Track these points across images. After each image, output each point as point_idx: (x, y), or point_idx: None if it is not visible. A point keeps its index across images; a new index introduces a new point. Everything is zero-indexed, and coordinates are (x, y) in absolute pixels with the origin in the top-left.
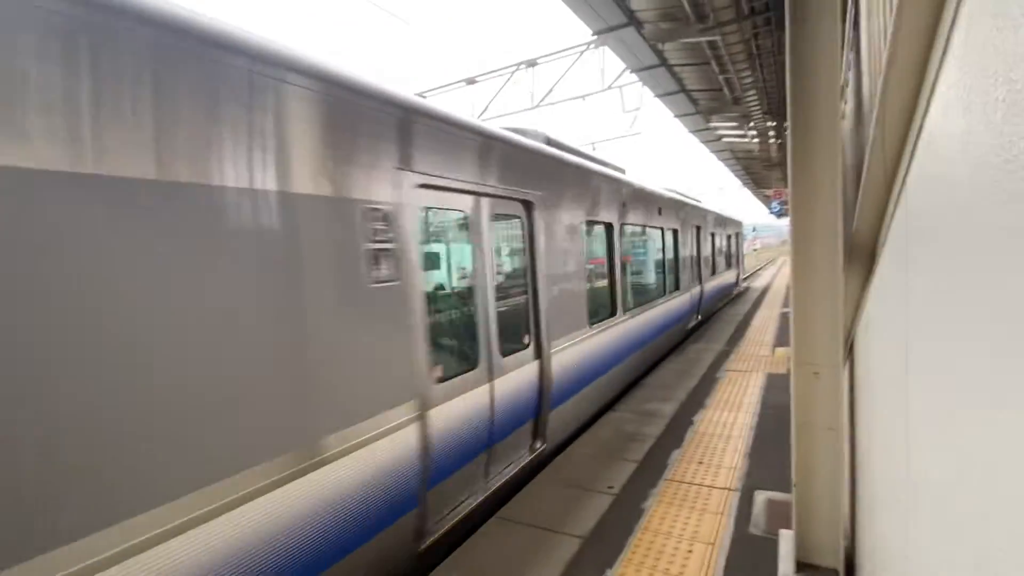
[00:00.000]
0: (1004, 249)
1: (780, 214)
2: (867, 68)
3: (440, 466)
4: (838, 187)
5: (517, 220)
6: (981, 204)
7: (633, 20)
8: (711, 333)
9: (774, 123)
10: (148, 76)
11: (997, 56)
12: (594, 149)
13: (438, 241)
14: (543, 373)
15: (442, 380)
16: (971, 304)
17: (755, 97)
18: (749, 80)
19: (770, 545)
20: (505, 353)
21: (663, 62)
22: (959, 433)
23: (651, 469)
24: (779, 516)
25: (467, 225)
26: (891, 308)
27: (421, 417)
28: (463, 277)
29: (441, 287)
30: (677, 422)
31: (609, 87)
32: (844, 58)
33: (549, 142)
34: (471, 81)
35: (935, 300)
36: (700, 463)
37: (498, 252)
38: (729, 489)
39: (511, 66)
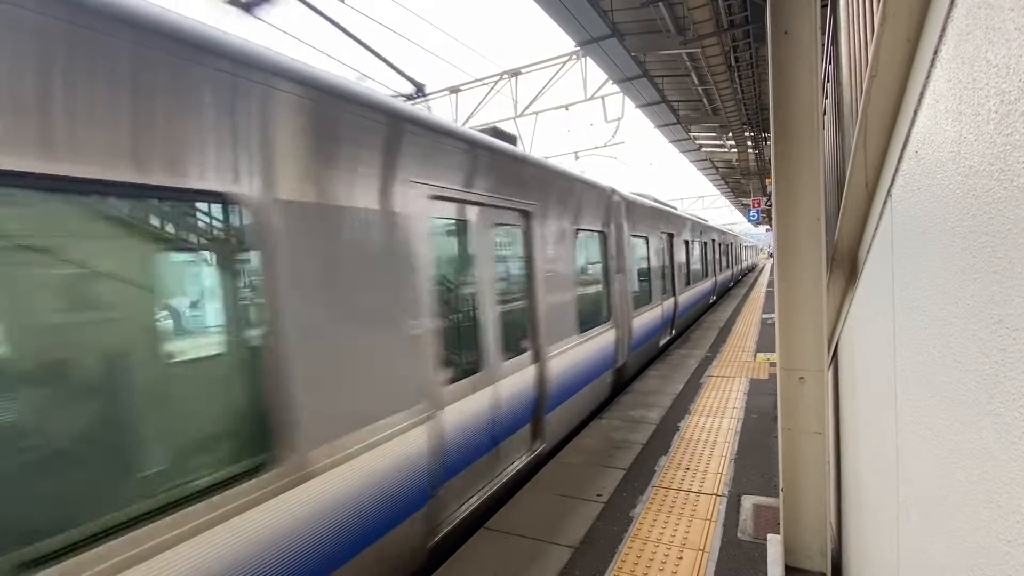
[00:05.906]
0: (997, 255)
1: (758, 222)
2: (847, 81)
3: None
4: (820, 196)
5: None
6: (972, 212)
7: (616, 32)
8: (694, 339)
9: (752, 134)
10: None
11: (989, 68)
12: (577, 158)
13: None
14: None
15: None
16: (961, 309)
17: (733, 108)
18: (728, 91)
19: (759, 550)
20: None
21: (644, 73)
22: (947, 435)
23: (639, 476)
24: (767, 520)
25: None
26: (878, 313)
27: None
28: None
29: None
30: (663, 428)
31: (591, 97)
32: (824, 71)
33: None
34: (455, 90)
35: (923, 305)
36: (687, 469)
37: None
38: (716, 495)
39: (495, 75)
